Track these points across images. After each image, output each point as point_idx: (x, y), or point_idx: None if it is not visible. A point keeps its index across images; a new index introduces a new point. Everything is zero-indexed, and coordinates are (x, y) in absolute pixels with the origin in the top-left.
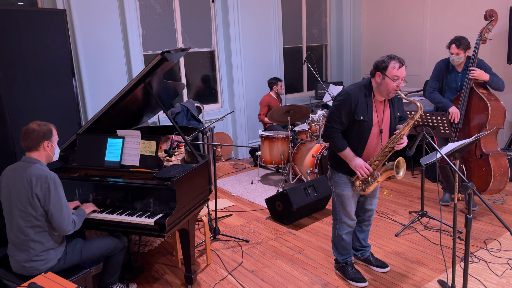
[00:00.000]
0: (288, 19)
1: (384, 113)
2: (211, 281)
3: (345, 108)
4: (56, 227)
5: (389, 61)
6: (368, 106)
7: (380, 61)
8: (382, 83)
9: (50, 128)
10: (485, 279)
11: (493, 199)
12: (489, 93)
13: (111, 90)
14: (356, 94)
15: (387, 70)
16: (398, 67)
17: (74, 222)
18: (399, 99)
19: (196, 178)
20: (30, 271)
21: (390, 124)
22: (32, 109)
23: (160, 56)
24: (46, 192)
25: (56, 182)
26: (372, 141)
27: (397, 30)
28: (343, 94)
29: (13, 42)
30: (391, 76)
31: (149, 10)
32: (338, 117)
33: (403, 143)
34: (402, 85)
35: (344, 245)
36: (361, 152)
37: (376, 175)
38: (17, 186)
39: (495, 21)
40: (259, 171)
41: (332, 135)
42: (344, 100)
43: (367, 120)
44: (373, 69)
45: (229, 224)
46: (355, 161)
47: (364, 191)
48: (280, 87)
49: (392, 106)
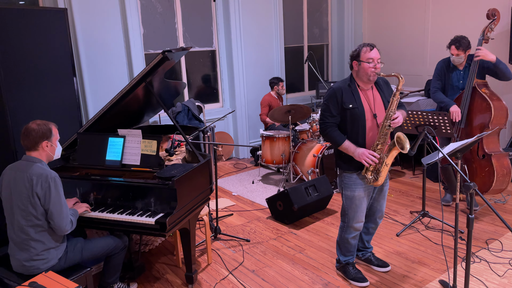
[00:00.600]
0: (289, 19)
1: (375, 98)
2: (212, 280)
3: (332, 101)
4: (55, 226)
5: (360, 48)
6: (355, 94)
7: (353, 51)
8: (360, 69)
9: (49, 128)
10: (487, 279)
11: (495, 199)
12: (492, 93)
13: (112, 89)
14: (340, 86)
15: (360, 56)
16: (369, 50)
17: (72, 222)
18: (386, 85)
19: (197, 178)
20: (31, 270)
21: (385, 108)
22: (33, 108)
23: (161, 55)
24: (47, 191)
25: (56, 181)
26: (370, 128)
27: (399, 30)
28: (329, 90)
29: (14, 41)
30: (365, 60)
31: (150, 9)
32: (328, 112)
33: (398, 119)
34: (379, 66)
35: (348, 248)
36: (363, 140)
37: (383, 158)
38: (17, 185)
39: (497, 20)
40: (260, 170)
41: (327, 130)
42: (330, 95)
43: (357, 107)
44: (350, 60)
45: (230, 224)
46: (357, 151)
47: (377, 180)
48: (281, 87)
49: (382, 91)
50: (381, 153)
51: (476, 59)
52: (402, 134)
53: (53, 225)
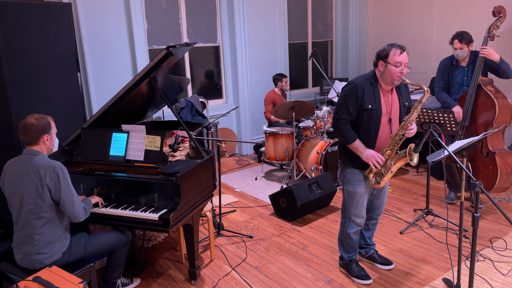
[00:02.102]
0: (293, 15)
1: (393, 102)
2: (215, 276)
3: (352, 97)
4: (69, 214)
5: (390, 48)
6: (376, 95)
7: (381, 50)
8: (385, 71)
9: (48, 121)
10: (491, 278)
11: (499, 198)
12: (497, 91)
13: (116, 84)
14: (363, 83)
15: (389, 57)
16: (399, 53)
17: (85, 209)
18: (406, 88)
19: (201, 174)
20: (35, 264)
21: (400, 113)
22: (37, 103)
23: (166, 50)
24: (56, 181)
25: (63, 170)
26: (383, 132)
27: (404, 27)
28: (350, 84)
29: (18, 36)
30: (393, 63)
31: (154, 5)
32: (345, 108)
33: (413, 129)
34: (405, 71)
35: (351, 244)
36: (373, 143)
37: (390, 165)
38: (23, 179)
39: (503, 17)
40: (263, 167)
41: (340, 126)
42: (351, 90)
43: (376, 109)
44: (376, 58)
45: (233, 220)
46: (366, 152)
47: (379, 183)
48: (284, 83)
49: (400, 94)
50: (389, 159)
51: (481, 56)
52: (414, 145)
53: (67, 213)
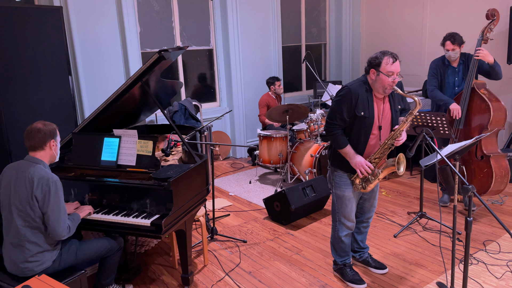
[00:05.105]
0: (287, 18)
1: (384, 108)
2: (208, 282)
3: (346, 103)
4: (51, 231)
5: (382, 56)
6: (369, 102)
7: (373, 57)
8: (377, 79)
9: (54, 128)
10: (484, 281)
11: (492, 200)
12: (490, 94)
13: (108, 88)
14: (357, 89)
15: (381, 66)
16: (391, 62)
17: (69, 228)
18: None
19: (194, 178)
20: (25, 272)
21: (391, 119)
22: (28, 108)
23: (158, 54)
24: (46, 194)
25: (57, 185)
26: (372, 139)
27: (397, 29)
28: (344, 89)
29: (9, 39)
30: (386, 72)
31: (147, 8)
32: (339, 114)
33: (402, 139)
34: (397, 80)
35: (343, 247)
36: (362, 149)
37: (377, 173)
38: (18, 185)
39: (497, 20)
40: (257, 170)
41: (333, 131)
42: (345, 96)
43: (368, 116)
44: (367, 66)
45: (226, 224)
46: (355, 159)
47: (365, 189)
48: (278, 87)
49: (393, 99)
50: (376, 166)
51: (476, 58)
52: (403, 155)
53: (49, 229)
